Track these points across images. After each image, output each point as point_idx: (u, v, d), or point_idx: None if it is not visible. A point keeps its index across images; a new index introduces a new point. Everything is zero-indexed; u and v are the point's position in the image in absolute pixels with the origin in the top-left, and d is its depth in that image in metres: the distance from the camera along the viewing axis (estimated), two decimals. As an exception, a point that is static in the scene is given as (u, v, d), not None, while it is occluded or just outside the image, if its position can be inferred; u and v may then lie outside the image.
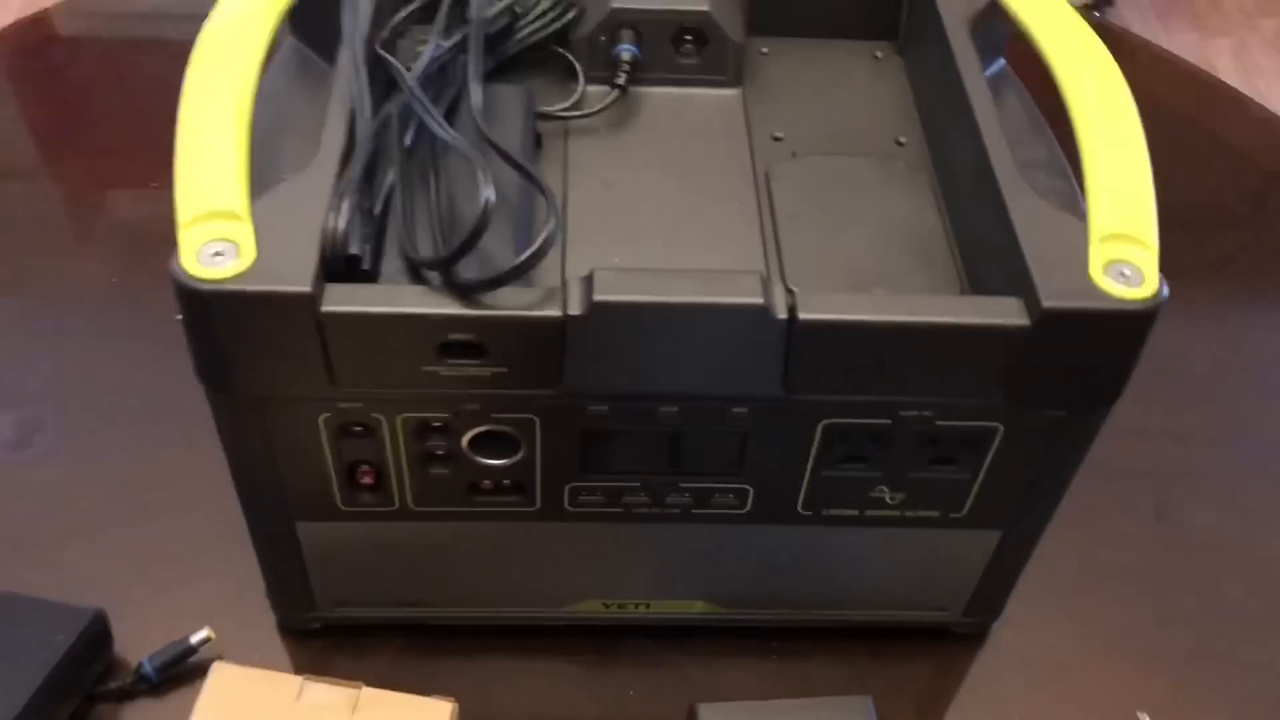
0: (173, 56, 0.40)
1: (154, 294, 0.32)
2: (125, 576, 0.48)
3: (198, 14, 0.41)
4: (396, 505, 0.40)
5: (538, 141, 0.44)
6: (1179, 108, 0.79)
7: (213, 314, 0.33)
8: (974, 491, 0.40)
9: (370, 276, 0.35)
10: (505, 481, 0.39)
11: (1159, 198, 0.37)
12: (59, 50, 0.78)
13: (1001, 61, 0.48)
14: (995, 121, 0.40)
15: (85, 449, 0.53)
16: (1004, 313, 0.35)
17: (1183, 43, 2.05)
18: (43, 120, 0.73)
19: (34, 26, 0.81)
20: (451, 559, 0.43)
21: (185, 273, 0.33)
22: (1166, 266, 0.36)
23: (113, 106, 0.72)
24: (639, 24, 0.45)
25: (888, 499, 0.40)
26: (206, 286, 0.32)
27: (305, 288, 0.32)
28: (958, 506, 0.41)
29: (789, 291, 0.34)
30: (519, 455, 0.38)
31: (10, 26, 0.81)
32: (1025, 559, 0.44)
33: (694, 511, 0.41)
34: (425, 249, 0.36)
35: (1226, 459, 0.57)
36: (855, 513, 0.41)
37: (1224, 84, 0.82)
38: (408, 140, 0.39)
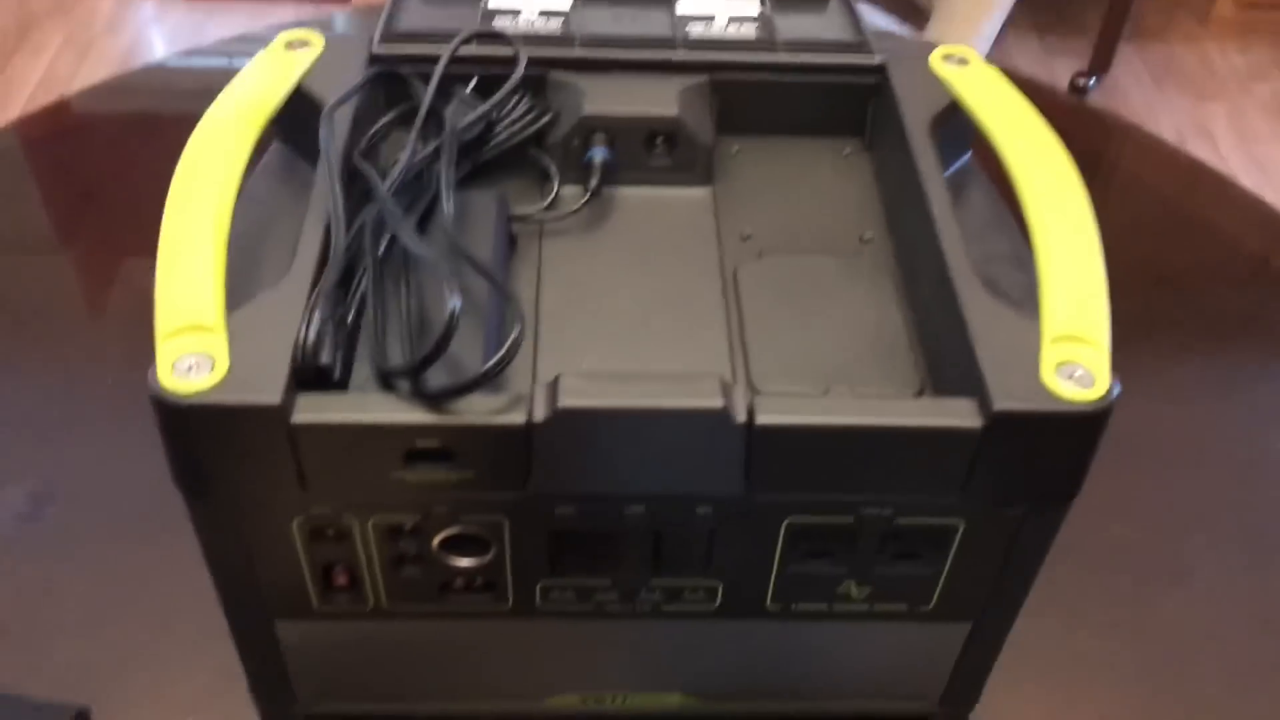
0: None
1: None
2: (109, 671, 0.49)
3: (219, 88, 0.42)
4: (371, 605, 0.40)
5: (513, 243, 0.45)
6: (1166, 191, 0.81)
7: (186, 425, 0.34)
8: (939, 586, 0.41)
9: (341, 385, 0.36)
10: (477, 581, 0.40)
11: (1142, 277, 0.38)
12: (78, 136, 0.80)
13: (968, 156, 0.50)
14: (952, 221, 0.41)
15: (83, 537, 0.54)
16: (958, 414, 0.36)
17: (1179, 107, 2.08)
18: (61, 205, 0.75)
19: (54, 114, 0.84)
20: (428, 656, 0.43)
21: (160, 386, 0.34)
22: (1146, 347, 0.36)
23: (130, 191, 0.74)
24: (611, 128, 0.47)
25: (854, 593, 0.41)
26: (179, 400, 0.33)
27: (275, 399, 0.34)
28: (924, 600, 0.41)
29: (747, 395, 0.35)
30: (489, 555, 0.39)
31: (31, 115, 0.84)
32: (997, 649, 0.44)
33: (664, 608, 0.41)
34: (396, 356, 0.37)
35: (1206, 541, 0.57)
36: (824, 607, 0.42)
37: (1210, 168, 0.84)
38: (381, 248, 0.40)
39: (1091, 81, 2.08)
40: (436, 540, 0.38)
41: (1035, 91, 0.49)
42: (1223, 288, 0.73)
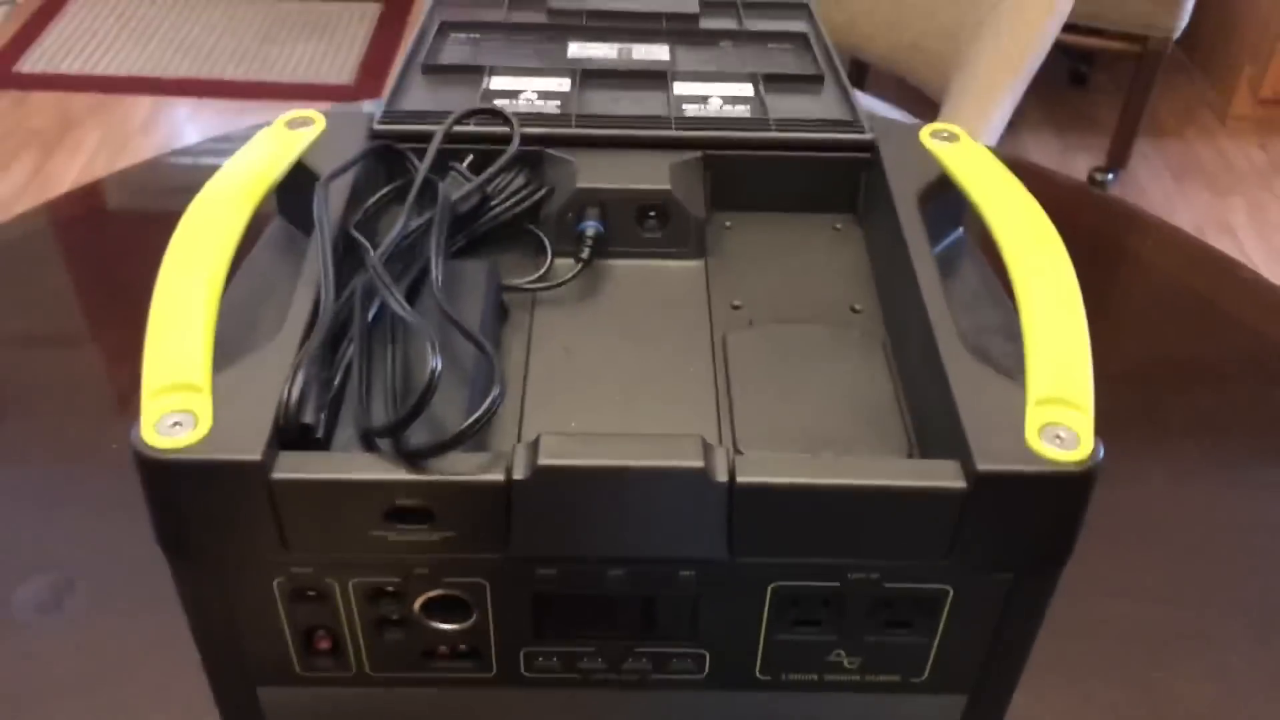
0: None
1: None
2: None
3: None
4: (353, 671, 0.40)
5: (505, 312, 0.46)
6: (1191, 283, 0.80)
7: (166, 481, 0.34)
8: (932, 654, 0.40)
9: (324, 445, 0.37)
10: (460, 647, 0.39)
11: (1163, 365, 0.38)
12: (107, 220, 0.82)
13: (960, 231, 0.50)
14: (937, 286, 0.42)
15: (96, 620, 0.54)
16: (942, 475, 0.35)
17: (1198, 202, 2.08)
18: (87, 289, 0.76)
19: (85, 197, 0.86)
20: (412, 726, 0.43)
21: (142, 441, 0.34)
22: (1161, 428, 0.36)
23: (152, 274, 0.75)
24: (604, 202, 0.48)
25: (846, 663, 0.40)
26: (160, 455, 0.34)
27: (255, 456, 0.34)
28: (918, 670, 0.41)
29: (729, 455, 0.35)
30: (472, 620, 0.38)
31: (62, 196, 0.86)
32: (996, 725, 0.43)
33: (651, 677, 0.41)
34: (379, 417, 0.37)
35: (1217, 621, 0.56)
36: (814, 677, 0.41)
37: (1237, 262, 0.83)
38: (371, 313, 0.41)
39: (1110, 177, 2.10)
40: (418, 603, 0.38)
41: (1050, 180, 0.49)
42: (1236, 372, 0.72)
